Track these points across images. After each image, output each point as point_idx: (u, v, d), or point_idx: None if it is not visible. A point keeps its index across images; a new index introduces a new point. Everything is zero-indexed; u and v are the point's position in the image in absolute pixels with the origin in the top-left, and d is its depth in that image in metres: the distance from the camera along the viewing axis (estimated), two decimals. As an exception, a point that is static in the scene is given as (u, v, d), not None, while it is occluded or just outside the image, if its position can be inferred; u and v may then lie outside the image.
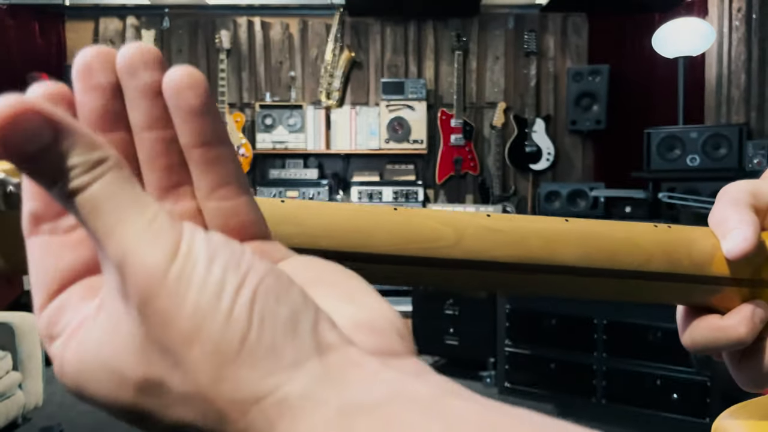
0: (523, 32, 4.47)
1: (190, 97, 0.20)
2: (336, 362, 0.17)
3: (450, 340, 3.54)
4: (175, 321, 0.17)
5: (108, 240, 0.17)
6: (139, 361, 0.17)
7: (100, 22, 4.51)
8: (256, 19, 4.51)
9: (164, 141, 0.21)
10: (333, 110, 4.41)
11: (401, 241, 0.28)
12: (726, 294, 0.32)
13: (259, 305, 0.17)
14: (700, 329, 0.33)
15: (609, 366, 2.96)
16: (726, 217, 0.32)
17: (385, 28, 4.51)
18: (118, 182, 0.18)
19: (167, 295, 0.17)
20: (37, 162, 0.17)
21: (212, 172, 0.21)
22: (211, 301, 0.16)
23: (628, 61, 4.35)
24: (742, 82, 3.65)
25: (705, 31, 3.55)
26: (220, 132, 0.21)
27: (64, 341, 0.19)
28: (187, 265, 0.17)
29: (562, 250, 0.30)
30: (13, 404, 2.69)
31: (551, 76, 4.52)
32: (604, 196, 3.73)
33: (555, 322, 3.11)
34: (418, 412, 0.15)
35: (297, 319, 0.17)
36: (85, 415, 2.99)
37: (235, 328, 0.16)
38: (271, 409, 0.16)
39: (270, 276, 0.17)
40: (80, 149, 0.17)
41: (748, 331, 0.31)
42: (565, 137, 4.51)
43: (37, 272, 0.20)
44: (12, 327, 2.78)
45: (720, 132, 3.35)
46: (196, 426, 0.17)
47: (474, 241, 0.29)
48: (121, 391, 0.18)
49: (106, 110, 0.21)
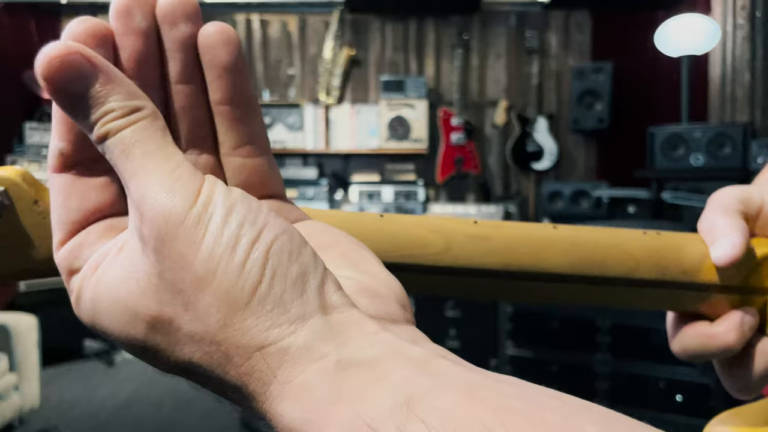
0: (525, 30, 4.44)
1: (223, 54, 0.21)
2: (337, 320, 0.18)
3: (451, 342, 3.53)
4: (189, 265, 0.17)
5: (132, 181, 0.19)
6: (152, 299, 0.18)
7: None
8: (254, 16, 4.47)
9: (195, 94, 0.22)
10: (332, 108, 4.38)
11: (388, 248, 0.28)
12: (715, 301, 0.32)
13: (272, 261, 0.18)
14: (689, 336, 0.33)
15: (612, 368, 2.95)
16: (715, 224, 0.32)
17: (385, 25, 4.48)
18: (149, 131, 0.19)
19: (183, 238, 0.18)
20: (78, 102, 0.19)
21: (237, 129, 0.22)
22: (226, 251, 0.17)
23: (631, 59, 4.32)
24: (747, 80, 3.62)
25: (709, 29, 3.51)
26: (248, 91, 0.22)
27: (83, 276, 0.20)
28: (205, 212, 0.18)
29: (551, 258, 0.30)
30: (9, 406, 2.67)
31: (554, 74, 4.48)
32: (608, 196, 3.71)
33: (557, 324, 3.10)
34: (409, 369, 0.16)
35: (306, 278, 0.18)
36: (81, 418, 2.97)
37: (246, 279, 0.17)
38: (272, 357, 0.17)
39: (285, 234, 0.18)
40: (119, 95, 0.19)
41: (737, 338, 0.31)
42: (568, 136, 4.48)
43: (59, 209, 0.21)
44: (8, 328, 2.76)
45: (724, 131, 3.32)
46: (201, 365, 0.18)
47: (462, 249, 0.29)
48: (133, 327, 0.19)
49: (144, 55, 0.21)
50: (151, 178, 0.18)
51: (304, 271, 0.18)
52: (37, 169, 3.89)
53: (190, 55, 0.21)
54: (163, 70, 0.22)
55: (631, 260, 0.31)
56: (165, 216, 0.18)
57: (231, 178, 0.23)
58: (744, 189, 0.34)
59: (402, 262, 0.28)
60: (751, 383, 0.33)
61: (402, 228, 0.29)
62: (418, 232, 0.29)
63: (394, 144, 4.31)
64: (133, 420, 2.95)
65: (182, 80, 0.22)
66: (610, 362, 2.96)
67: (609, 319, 2.95)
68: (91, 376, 3.63)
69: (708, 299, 0.32)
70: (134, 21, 0.21)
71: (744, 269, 0.32)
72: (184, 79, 0.22)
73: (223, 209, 0.18)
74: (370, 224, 0.29)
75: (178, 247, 0.18)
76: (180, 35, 0.21)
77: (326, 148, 4.37)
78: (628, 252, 0.31)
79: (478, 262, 0.29)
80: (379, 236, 0.28)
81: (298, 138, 4.31)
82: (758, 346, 0.33)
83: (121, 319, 0.19)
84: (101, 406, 3.12)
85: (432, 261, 0.29)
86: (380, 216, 0.29)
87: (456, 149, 4.39)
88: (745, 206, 0.33)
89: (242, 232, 0.18)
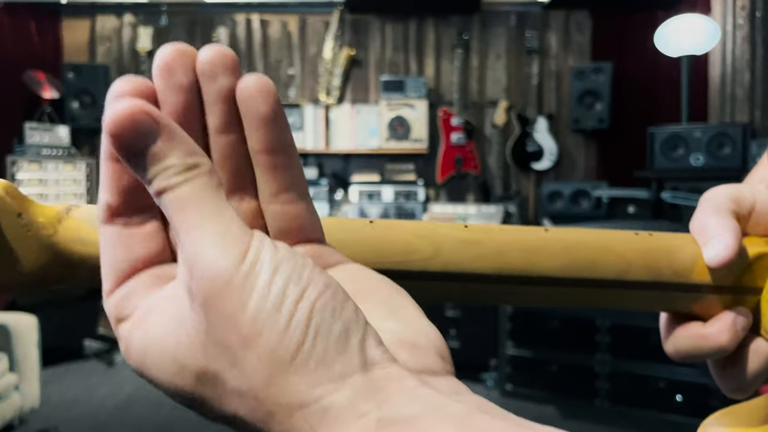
0: (525, 30, 4.44)
1: (261, 105, 0.22)
2: (379, 377, 0.18)
3: (452, 342, 3.52)
4: (236, 324, 0.18)
5: (186, 238, 0.19)
6: (200, 354, 0.19)
7: (96, 19, 4.47)
8: (254, 16, 4.47)
9: (235, 144, 0.23)
10: (332, 109, 4.38)
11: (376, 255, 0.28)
12: (708, 301, 0.32)
13: (316, 319, 0.18)
14: (682, 337, 0.33)
15: (612, 368, 2.95)
16: (707, 224, 0.32)
17: (385, 25, 4.48)
18: (205, 188, 0.20)
19: (230, 298, 0.18)
20: (140, 158, 0.19)
21: (276, 177, 0.23)
22: (272, 310, 0.18)
23: (631, 59, 4.32)
24: (746, 80, 3.62)
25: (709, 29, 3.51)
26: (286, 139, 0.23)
27: (132, 325, 0.21)
28: (252, 272, 0.18)
29: (542, 261, 0.30)
30: (9, 406, 2.67)
31: (553, 75, 4.48)
32: (607, 196, 3.71)
33: (557, 324, 3.10)
34: (449, 426, 0.17)
35: (348, 335, 0.18)
36: (81, 418, 2.97)
37: (291, 338, 0.18)
38: (314, 415, 0.17)
39: (328, 291, 0.19)
40: (179, 152, 0.19)
41: (730, 338, 0.31)
42: (568, 136, 4.48)
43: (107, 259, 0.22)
44: (8, 328, 2.76)
45: (724, 131, 3.32)
46: (245, 420, 0.19)
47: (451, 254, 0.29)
48: (181, 378, 0.19)
49: (186, 109, 0.22)
50: (204, 237, 0.19)
51: (347, 327, 0.18)
52: (37, 169, 3.89)
53: (229, 106, 0.22)
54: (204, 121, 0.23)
55: (623, 262, 0.31)
56: (214, 275, 0.18)
57: (271, 223, 0.24)
58: (736, 188, 0.34)
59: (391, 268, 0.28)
60: (744, 383, 0.33)
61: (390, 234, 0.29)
62: (407, 238, 0.29)
63: (394, 144, 4.31)
64: (133, 420, 2.96)
65: (223, 130, 0.23)
66: (610, 362, 2.95)
67: (609, 320, 2.95)
68: (91, 376, 3.63)
69: (700, 300, 0.32)
70: (176, 77, 0.22)
71: (736, 269, 0.32)
72: (224, 129, 0.23)
73: (270, 268, 0.18)
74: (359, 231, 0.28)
75: (225, 306, 0.18)
76: (220, 88, 0.22)
77: (326, 148, 4.37)
78: (620, 254, 0.31)
79: (468, 267, 0.29)
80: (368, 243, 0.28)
81: (298, 138, 4.31)
82: (751, 346, 0.32)
83: (169, 371, 0.20)
84: (101, 406, 3.12)
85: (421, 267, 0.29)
86: (369, 222, 0.29)
87: (456, 149, 4.39)
88: (737, 205, 0.33)
89: (287, 291, 0.18)
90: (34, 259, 0.25)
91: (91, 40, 4.50)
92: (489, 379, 3.39)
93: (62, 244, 0.26)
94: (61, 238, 0.26)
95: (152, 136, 0.19)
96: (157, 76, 0.22)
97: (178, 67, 0.22)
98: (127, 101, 0.19)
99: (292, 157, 0.23)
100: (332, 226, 0.28)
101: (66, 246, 0.26)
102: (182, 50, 0.22)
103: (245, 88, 0.22)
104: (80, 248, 0.26)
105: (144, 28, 4.39)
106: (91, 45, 4.50)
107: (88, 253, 0.26)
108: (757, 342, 0.33)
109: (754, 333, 0.33)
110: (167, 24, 4.48)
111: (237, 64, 0.22)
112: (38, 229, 0.25)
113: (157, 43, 4.46)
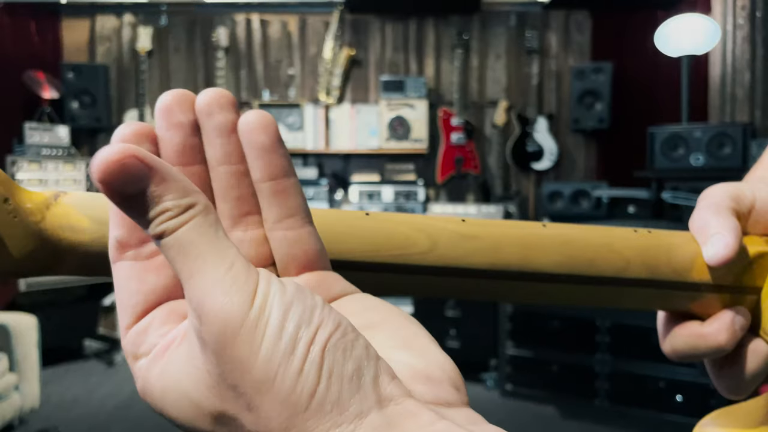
0: (524, 30, 4.44)
1: (262, 137, 0.23)
2: (394, 413, 0.18)
3: (452, 342, 3.52)
4: (249, 369, 0.18)
5: (188, 284, 0.19)
6: (216, 396, 0.19)
7: (96, 19, 4.47)
8: (254, 16, 4.47)
9: (237, 174, 0.24)
10: (332, 108, 4.38)
11: (372, 247, 0.27)
12: (706, 300, 0.32)
13: (328, 360, 0.18)
14: (680, 336, 0.33)
15: (612, 368, 2.95)
16: (707, 223, 0.31)
17: (385, 25, 4.48)
18: (203, 228, 0.19)
19: (242, 343, 0.18)
20: (135, 202, 0.19)
21: (279, 203, 0.24)
22: (285, 355, 0.18)
23: (631, 59, 4.32)
24: (747, 80, 3.62)
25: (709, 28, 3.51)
26: (287, 167, 0.24)
27: (149, 363, 0.21)
28: (262, 315, 0.18)
29: (539, 257, 0.30)
30: (9, 406, 2.67)
31: (553, 75, 4.48)
32: (607, 196, 3.71)
33: (557, 324, 3.10)
34: None
35: (361, 373, 0.18)
36: (81, 418, 2.97)
37: (305, 383, 0.18)
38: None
39: (338, 330, 0.19)
40: (173, 194, 0.19)
41: (728, 338, 0.31)
42: (568, 136, 4.48)
43: (122, 295, 0.22)
44: (8, 328, 2.76)
45: (724, 131, 3.32)
46: None
47: (448, 248, 0.28)
48: (198, 419, 0.20)
49: (185, 145, 0.23)
50: (207, 282, 0.19)
51: (359, 366, 0.18)
52: (37, 169, 3.89)
53: (228, 139, 0.23)
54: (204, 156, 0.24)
55: (621, 259, 0.31)
56: (223, 321, 0.18)
57: (276, 250, 0.24)
58: (735, 186, 0.34)
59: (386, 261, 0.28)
60: (742, 384, 0.32)
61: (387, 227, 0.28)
62: (403, 230, 0.28)
63: (394, 144, 4.31)
64: (133, 420, 2.96)
65: (223, 161, 0.24)
66: (610, 362, 2.95)
67: (609, 319, 2.95)
68: (91, 376, 3.63)
69: (699, 298, 0.32)
70: (175, 117, 0.23)
71: (736, 268, 0.31)
72: (224, 161, 0.24)
73: (281, 311, 0.18)
74: (355, 222, 0.28)
75: (237, 352, 0.18)
76: (218, 123, 0.23)
77: (326, 148, 4.37)
78: (618, 251, 0.31)
79: (463, 261, 0.29)
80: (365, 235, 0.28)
81: (298, 138, 4.32)
82: (750, 346, 0.32)
83: (188, 412, 0.20)
84: (101, 406, 3.12)
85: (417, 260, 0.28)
86: (366, 214, 0.29)
87: (456, 149, 4.39)
88: (736, 203, 0.33)
89: (299, 334, 0.18)
90: (21, 246, 0.24)
91: (91, 40, 4.50)
92: (489, 379, 3.39)
93: (50, 230, 0.25)
94: (49, 224, 0.25)
95: (144, 180, 0.19)
96: (158, 118, 0.23)
97: (177, 108, 0.23)
98: (116, 146, 0.19)
99: (293, 185, 0.24)
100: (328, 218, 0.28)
101: (54, 233, 0.25)
102: (181, 94, 0.23)
103: (246, 122, 0.23)
104: (69, 235, 0.25)
105: (144, 28, 4.39)
106: (91, 45, 4.50)
107: (77, 240, 0.25)
108: (756, 342, 0.32)
109: (753, 333, 0.32)
110: (167, 24, 4.48)
111: (233, 102, 0.23)
112: (25, 215, 0.25)
113: (157, 43, 4.47)
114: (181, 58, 4.49)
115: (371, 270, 0.28)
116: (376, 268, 0.28)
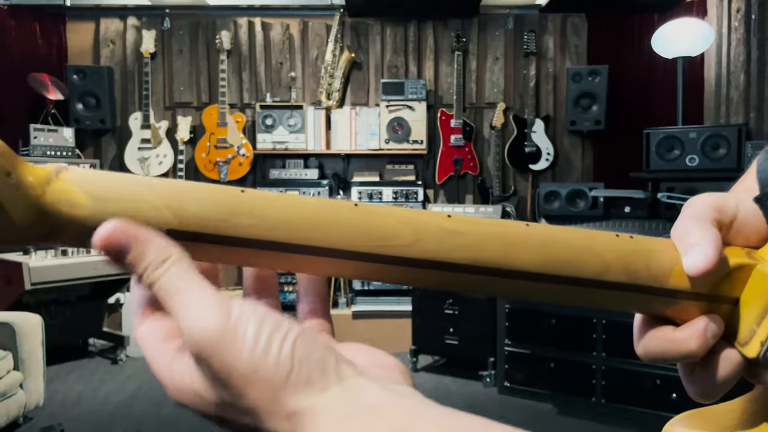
0: (522, 33, 4.48)
1: None
2: (350, 385, 0.25)
3: (450, 339, 3.55)
4: (236, 370, 0.24)
5: (177, 314, 0.25)
6: (213, 392, 0.25)
7: (100, 22, 4.52)
8: (256, 19, 4.52)
9: None
10: (333, 111, 4.42)
11: (357, 237, 0.29)
12: (683, 307, 0.32)
13: (298, 352, 0.24)
14: (653, 339, 0.33)
15: (608, 365, 2.97)
16: (689, 232, 0.32)
17: (384, 28, 4.52)
18: (180, 272, 0.26)
19: (225, 351, 0.24)
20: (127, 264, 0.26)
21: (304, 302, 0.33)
22: (263, 353, 0.24)
23: (627, 62, 4.36)
24: (741, 82, 3.65)
25: (704, 31, 3.56)
26: None
27: None
28: (240, 325, 0.24)
29: (519, 255, 0.30)
30: (14, 404, 2.70)
31: (551, 77, 4.53)
32: (604, 197, 3.74)
33: (555, 322, 3.12)
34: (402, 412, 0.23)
35: (325, 361, 0.25)
36: (85, 415, 3.00)
37: (282, 369, 0.24)
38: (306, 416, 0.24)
39: (304, 332, 0.25)
40: (153, 252, 0.26)
41: (699, 345, 0.31)
42: (565, 137, 4.52)
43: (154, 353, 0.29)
44: (13, 327, 2.79)
45: (719, 132, 3.36)
46: (258, 428, 0.25)
47: (431, 242, 0.29)
48: (205, 406, 0.26)
49: None
50: (188, 308, 0.25)
51: (323, 356, 0.25)
52: (41, 170, 3.93)
53: None
54: None
55: (601, 262, 0.31)
56: (206, 335, 0.24)
57: None
58: (719, 197, 0.34)
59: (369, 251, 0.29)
60: (711, 389, 0.32)
61: (373, 218, 0.29)
62: (389, 222, 0.29)
63: (394, 145, 4.35)
64: (137, 417, 2.99)
65: None
66: (607, 359, 2.97)
67: (605, 317, 2.97)
68: (95, 373, 3.66)
69: (675, 305, 0.32)
70: None
71: (714, 278, 0.31)
72: None
73: (256, 321, 0.24)
74: (343, 212, 0.29)
75: (222, 359, 0.24)
76: None
77: (327, 149, 4.42)
78: (599, 254, 0.31)
79: (446, 255, 0.29)
80: (350, 224, 0.29)
81: (299, 139, 4.36)
82: (722, 354, 0.32)
83: (197, 401, 0.26)
84: (105, 404, 3.15)
85: (399, 252, 0.29)
86: (354, 205, 0.29)
87: (454, 150, 4.44)
88: (719, 214, 0.33)
89: (273, 338, 0.24)
90: (21, 218, 0.25)
91: (96, 42, 4.55)
92: (487, 376, 3.42)
93: (49, 204, 0.26)
94: (49, 198, 0.26)
95: (129, 247, 0.25)
96: None
97: None
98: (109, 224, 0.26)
99: None
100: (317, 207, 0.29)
101: (53, 207, 0.26)
102: None
103: None
104: (68, 210, 0.26)
105: (147, 30, 4.44)
106: (95, 47, 4.54)
107: (75, 215, 0.26)
108: (729, 351, 0.32)
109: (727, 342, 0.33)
110: (170, 27, 4.53)
111: None
112: (27, 188, 0.26)
113: (161, 46, 4.52)
114: (184, 60, 4.53)
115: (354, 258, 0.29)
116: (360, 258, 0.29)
